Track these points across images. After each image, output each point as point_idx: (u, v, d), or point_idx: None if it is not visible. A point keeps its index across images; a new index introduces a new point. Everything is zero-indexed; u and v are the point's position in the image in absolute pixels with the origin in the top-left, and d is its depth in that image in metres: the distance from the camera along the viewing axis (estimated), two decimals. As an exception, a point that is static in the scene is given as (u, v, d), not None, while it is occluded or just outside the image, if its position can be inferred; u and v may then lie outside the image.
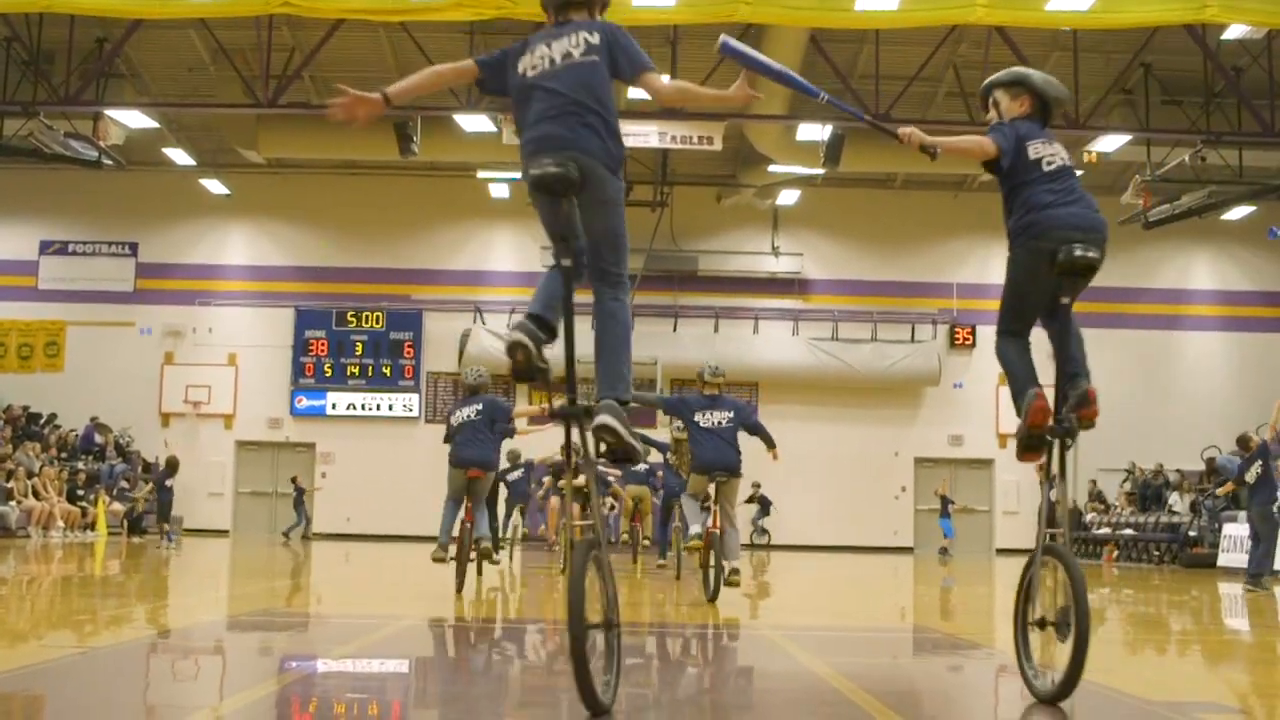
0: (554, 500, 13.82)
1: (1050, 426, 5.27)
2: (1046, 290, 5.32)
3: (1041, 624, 5.23)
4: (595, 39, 4.92)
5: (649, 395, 11.92)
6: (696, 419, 10.75)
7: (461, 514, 11.37)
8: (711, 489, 10.68)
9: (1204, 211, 25.02)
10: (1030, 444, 5.35)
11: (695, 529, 10.80)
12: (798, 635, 8.22)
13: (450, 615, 9.37)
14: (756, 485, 27.53)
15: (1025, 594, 5.37)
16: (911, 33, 20.72)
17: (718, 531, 10.51)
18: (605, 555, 4.66)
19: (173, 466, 22.61)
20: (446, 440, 11.62)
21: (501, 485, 17.85)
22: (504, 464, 16.26)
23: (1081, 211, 5.31)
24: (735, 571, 10.41)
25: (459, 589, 10.81)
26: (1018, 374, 5.48)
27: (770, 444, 11.30)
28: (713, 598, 10.64)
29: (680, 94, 5.26)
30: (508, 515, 19.42)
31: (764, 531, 28.78)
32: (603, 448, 4.72)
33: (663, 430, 18.58)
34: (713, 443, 10.62)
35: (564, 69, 4.86)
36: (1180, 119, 23.13)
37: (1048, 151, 5.42)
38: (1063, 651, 5.02)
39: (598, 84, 4.86)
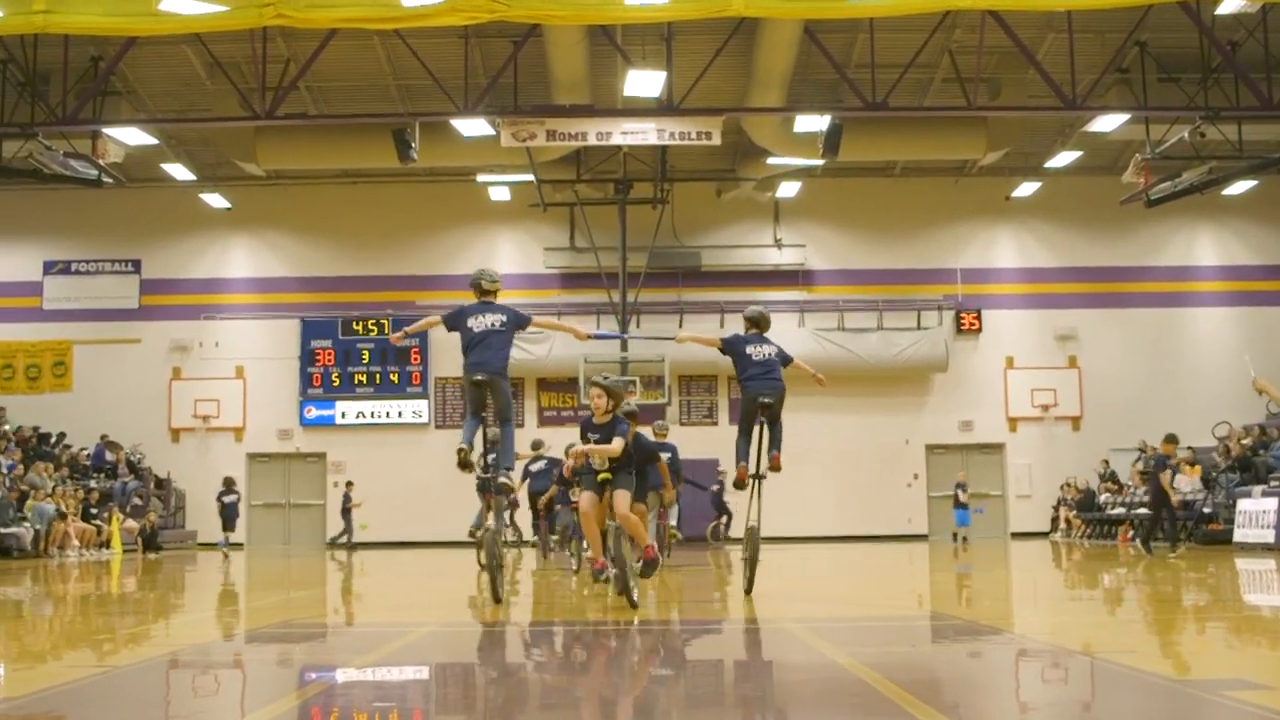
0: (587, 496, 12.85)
1: (751, 475, 10.45)
2: (755, 415, 10.43)
3: (746, 559, 10.68)
4: (505, 318, 9.88)
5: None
6: None
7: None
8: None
9: (1205, 187, 24.97)
10: (739, 487, 10.52)
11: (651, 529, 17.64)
12: (818, 627, 8.21)
13: (471, 620, 9.37)
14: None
15: (747, 544, 10.71)
16: (906, 20, 20.68)
17: (664, 522, 16.45)
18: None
19: (229, 483, 27.27)
20: None
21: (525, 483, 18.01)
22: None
23: (770, 382, 10.35)
24: (676, 528, 17.04)
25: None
26: (739, 453, 10.48)
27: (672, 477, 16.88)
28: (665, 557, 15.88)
29: (549, 323, 11.28)
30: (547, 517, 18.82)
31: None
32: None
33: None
34: (655, 470, 16.24)
35: (493, 333, 9.78)
36: (1178, 96, 23.08)
37: (755, 350, 10.47)
38: (746, 570, 10.60)
39: (508, 345, 9.91)
